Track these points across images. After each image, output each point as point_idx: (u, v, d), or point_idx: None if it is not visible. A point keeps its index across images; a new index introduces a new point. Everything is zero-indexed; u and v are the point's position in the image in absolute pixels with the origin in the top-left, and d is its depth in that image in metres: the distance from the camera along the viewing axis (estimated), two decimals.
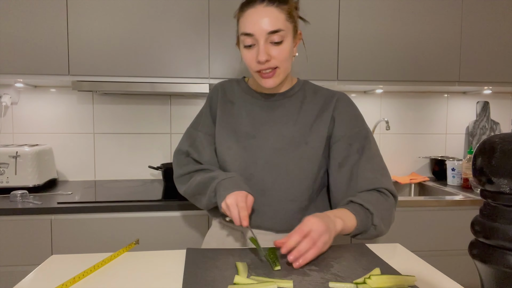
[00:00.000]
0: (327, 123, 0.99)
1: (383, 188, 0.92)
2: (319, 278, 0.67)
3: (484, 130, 2.14)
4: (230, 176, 0.92)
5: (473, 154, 0.47)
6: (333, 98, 1.02)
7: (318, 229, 0.74)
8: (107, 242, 1.40)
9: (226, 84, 1.09)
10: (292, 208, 0.97)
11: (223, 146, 1.01)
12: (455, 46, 1.77)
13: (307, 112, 1.01)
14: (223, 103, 1.06)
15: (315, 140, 0.98)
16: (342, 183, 0.95)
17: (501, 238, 0.43)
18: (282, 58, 0.92)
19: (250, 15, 0.90)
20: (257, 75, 0.95)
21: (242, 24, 0.92)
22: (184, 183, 1.03)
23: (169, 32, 1.61)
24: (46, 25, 1.55)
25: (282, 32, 0.90)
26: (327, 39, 1.69)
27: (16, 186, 1.59)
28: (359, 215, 0.85)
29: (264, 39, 0.90)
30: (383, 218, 0.88)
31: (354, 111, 1.01)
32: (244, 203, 0.84)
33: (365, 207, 0.86)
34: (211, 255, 0.79)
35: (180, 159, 1.06)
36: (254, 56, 0.92)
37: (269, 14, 0.89)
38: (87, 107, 1.91)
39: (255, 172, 0.97)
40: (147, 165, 1.93)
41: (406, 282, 0.65)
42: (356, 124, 0.99)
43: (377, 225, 0.86)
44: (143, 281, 0.68)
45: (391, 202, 0.93)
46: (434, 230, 1.57)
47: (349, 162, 0.95)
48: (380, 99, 2.11)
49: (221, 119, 1.04)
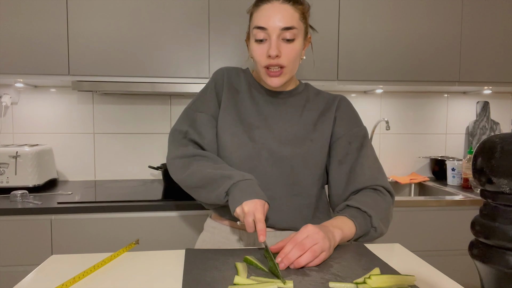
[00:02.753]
0: (330, 122, 1.01)
1: (380, 185, 0.94)
2: (319, 278, 0.67)
3: (484, 130, 2.14)
4: (248, 178, 0.86)
5: (473, 154, 0.47)
6: (335, 99, 1.05)
7: (313, 235, 0.74)
8: (107, 242, 1.40)
9: (231, 71, 1.07)
10: (296, 203, 0.97)
11: (227, 132, 0.98)
12: (455, 46, 1.77)
13: (310, 111, 1.03)
14: (229, 88, 1.03)
15: (320, 137, 0.99)
16: (341, 180, 0.97)
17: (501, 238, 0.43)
18: (291, 57, 0.93)
19: (266, 9, 0.91)
20: (264, 71, 0.95)
21: (256, 18, 0.93)
22: (180, 168, 0.94)
23: (169, 32, 1.61)
24: (46, 25, 1.55)
25: (294, 30, 0.92)
26: (327, 39, 1.69)
27: (16, 186, 1.59)
28: (357, 220, 0.85)
29: (277, 34, 0.91)
30: (382, 219, 0.89)
31: (354, 112, 1.05)
32: (262, 214, 0.78)
33: (363, 210, 0.87)
34: (210, 255, 0.78)
35: (177, 138, 0.98)
36: (265, 51, 0.92)
37: (284, 10, 0.90)
38: (87, 107, 1.91)
39: (259, 163, 0.96)
40: (147, 165, 1.93)
41: (406, 281, 0.65)
42: (355, 124, 1.02)
43: (377, 227, 0.86)
44: (143, 281, 0.68)
45: (388, 200, 0.94)
46: (434, 230, 1.57)
47: (349, 159, 0.98)
48: (380, 99, 2.11)
49: (227, 104, 1.01)
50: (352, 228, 0.83)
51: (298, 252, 0.71)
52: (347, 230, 0.82)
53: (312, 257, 0.72)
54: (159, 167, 1.79)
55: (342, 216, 0.86)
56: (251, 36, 0.96)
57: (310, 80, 1.66)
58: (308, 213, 0.99)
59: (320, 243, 0.73)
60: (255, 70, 1.08)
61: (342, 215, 0.86)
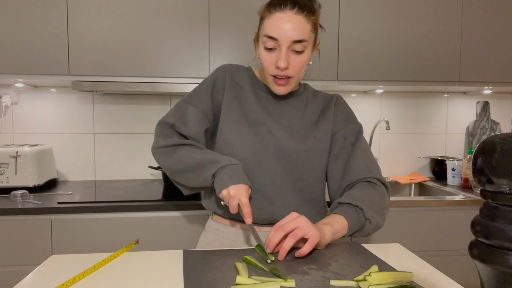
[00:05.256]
0: (331, 120, 1.04)
1: (374, 178, 0.96)
2: (319, 277, 0.68)
3: (484, 130, 2.14)
4: (234, 163, 0.90)
5: (473, 154, 0.47)
6: (333, 98, 1.08)
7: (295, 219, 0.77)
8: (107, 242, 1.40)
9: (234, 68, 1.06)
10: (300, 199, 0.99)
11: (232, 130, 0.98)
12: (455, 46, 1.77)
13: (311, 111, 1.05)
14: (232, 85, 1.03)
15: (323, 134, 1.02)
16: (338, 174, 1.00)
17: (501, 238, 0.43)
18: (299, 69, 0.95)
19: (278, 19, 0.90)
20: (271, 79, 0.96)
21: (268, 26, 0.92)
22: (165, 155, 0.97)
23: (169, 32, 1.61)
24: (46, 25, 1.55)
25: (305, 43, 0.92)
26: (327, 39, 1.69)
27: (16, 186, 1.59)
28: (348, 214, 0.86)
29: (287, 46, 0.91)
30: (377, 211, 0.90)
31: (349, 110, 1.09)
32: (246, 198, 0.84)
33: (354, 204, 0.88)
34: (209, 256, 0.79)
35: (163, 130, 1.00)
36: (274, 60, 0.93)
37: (297, 22, 0.89)
38: (87, 107, 1.91)
39: (265, 159, 0.97)
40: (147, 165, 1.93)
41: (404, 278, 0.66)
42: (350, 120, 1.06)
43: (371, 219, 0.87)
44: (143, 281, 0.68)
45: (382, 191, 0.95)
46: (434, 230, 1.57)
47: (344, 154, 1.01)
48: (380, 99, 2.11)
49: (230, 101, 1.01)
50: (343, 222, 0.84)
51: (278, 234, 0.75)
52: (337, 225, 0.83)
53: (293, 240, 0.74)
54: (159, 167, 1.78)
55: (333, 214, 0.88)
56: (260, 41, 0.95)
57: (310, 80, 1.66)
58: (311, 208, 1.00)
59: (301, 227, 0.75)
60: (259, 70, 1.09)
61: (333, 213, 0.88)
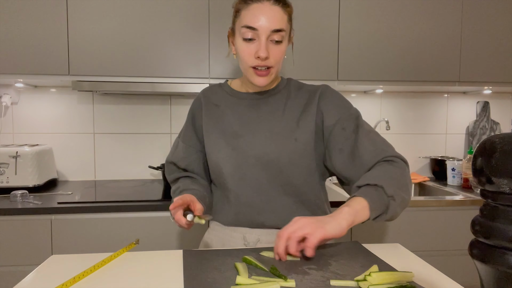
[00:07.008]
0: (313, 116, 0.99)
1: (389, 156, 0.91)
2: (319, 277, 0.68)
3: (484, 130, 2.14)
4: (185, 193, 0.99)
5: (473, 154, 0.47)
6: (317, 91, 1.02)
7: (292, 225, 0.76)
8: (107, 242, 1.40)
9: (208, 90, 1.10)
10: (290, 202, 0.98)
11: (214, 151, 1.01)
12: (455, 46, 1.77)
13: (292, 108, 1.01)
14: (208, 108, 1.06)
15: (304, 135, 0.98)
16: (348, 166, 0.95)
17: (501, 238, 0.43)
18: (278, 59, 0.95)
19: (256, 9, 0.91)
20: (251, 71, 0.95)
21: (246, 17, 0.92)
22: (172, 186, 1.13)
23: (169, 32, 1.61)
24: (46, 25, 1.55)
25: (283, 33, 0.93)
26: (327, 39, 1.69)
27: (16, 186, 1.59)
28: (367, 194, 0.81)
29: (266, 36, 0.91)
30: (399, 187, 0.85)
31: (339, 98, 1.02)
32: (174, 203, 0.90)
33: (372, 184, 0.83)
34: (208, 256, 0.79)
35: (168, 166, 1.15)
36: (253, 51, 0.93)
37: (275, 12, 0.91)
38: (87, 107, 1.91)
39: (248, 171, 0.97)
40: (147, 165, 1.93)
41: (404, 278, 0.66)
42: (343, 108, 0.99)
43: (394, 195, 0.82)
44: (143, 281, 0.68)
45: (401, 165, 0.90)
46: (434, 230, 1.57)
47: (348, 144, 0.95)
48: (380, 99, 2.11)
49: (208, 124, 1.04)
50: (362, 202, 0.79)
51: (280, 242, 0.75)
52: (356, 205, 0.79)
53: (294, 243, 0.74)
54: (159, 167, 1.79)
55: (351, 198, 0.83)
56: (238, 33, 0.95)
57: (310, 80, 1.66)
58: (305, 209, 0.99)
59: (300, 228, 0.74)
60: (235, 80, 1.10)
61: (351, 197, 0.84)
